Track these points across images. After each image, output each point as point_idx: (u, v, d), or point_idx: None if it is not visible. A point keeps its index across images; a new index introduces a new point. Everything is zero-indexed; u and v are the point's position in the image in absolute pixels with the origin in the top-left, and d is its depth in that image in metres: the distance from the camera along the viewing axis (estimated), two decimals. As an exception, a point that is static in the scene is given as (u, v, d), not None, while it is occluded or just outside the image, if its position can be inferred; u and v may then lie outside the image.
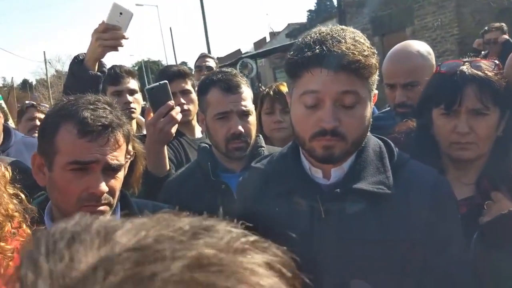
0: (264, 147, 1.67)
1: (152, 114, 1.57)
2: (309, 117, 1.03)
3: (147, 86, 1.66)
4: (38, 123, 3.15)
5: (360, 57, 0.98)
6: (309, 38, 1.03)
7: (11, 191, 0.98)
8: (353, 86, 1.00)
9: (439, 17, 10.31)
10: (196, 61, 3.62)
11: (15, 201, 0.97)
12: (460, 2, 9.91)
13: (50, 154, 1.11)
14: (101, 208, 1.11)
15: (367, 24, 12.98)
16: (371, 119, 1.08)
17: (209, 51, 19.86)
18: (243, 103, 1.56)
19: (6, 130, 2.45)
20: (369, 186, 1.05)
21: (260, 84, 14.69)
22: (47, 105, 3.62)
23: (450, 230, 1.08)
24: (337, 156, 1.04)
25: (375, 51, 1.05)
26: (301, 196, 1.09)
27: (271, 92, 2.12)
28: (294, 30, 18.90)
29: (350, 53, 0.97)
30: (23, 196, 1.03)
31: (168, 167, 1.67)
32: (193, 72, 3.40)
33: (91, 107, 1.10)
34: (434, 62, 1.87)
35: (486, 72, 1.30)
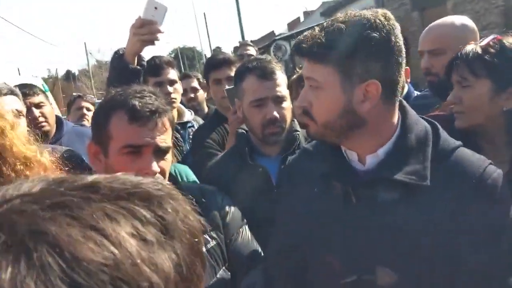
0: (299, 131, 1.71)
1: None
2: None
3: (227, 87, 2.00)
4: (85, 111, 3.37)
5: (310, 43, 1.02)
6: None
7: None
8: (310, 72, 1.06)
9: (483, -12, 9.75)
10: (237, 50, 3.74)
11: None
12: (506, -30, 9.32)
13: (105, 141, 1.21)
14: None
15: (406, -2, 12.48)
16: (353, 107, 1.03)
17: (242, 35, 19.81)
18: (277, 89, 1.59)
19: (58, 120, 2.59)
20: (402, 176, 1.02)
21: (294, 66, 14.52)
22: (93, 96, 3.83)
23: (492, 227, 1.01)
24: (313, 135, 1.13)
25: (359, 40, 1.00)
26: (336, 179, 1.11)
27: (296, 78, 2.15)
28: (329, 9, 18.43)
29: (305, 39, 1.04)
30: None
31: None
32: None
33: (138, 95, 1.20)
34: (472, 35, 1.83)
35: (478, 46, 1.37)
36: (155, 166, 1.18)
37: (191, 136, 2.51)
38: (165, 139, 1.21)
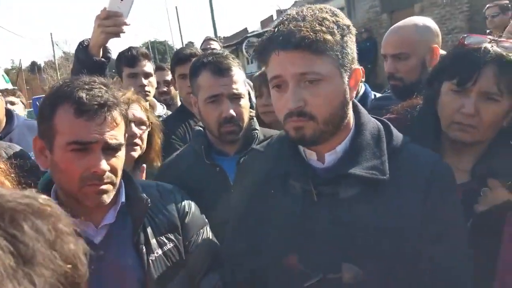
0: (258, 129, 1.67)
1: None
2: (280, 100, 1.03)
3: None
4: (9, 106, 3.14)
5: (308, 33, 0.94)
6: (275, 23, 1.03)
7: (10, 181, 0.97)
8: (310, 66, 0.97)
9: (448, -7, 10.04)
10: (201, 44, 3.72)
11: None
12: (470, -23, 9.63)
13: (50, 136, 1.13)
14: (104, 187, 1.13)
15: (376, 0, 12.70)
16: (347, 97, 1.04)
17: (215, 31, 19.64)
18: (234, 86, 1.54)
19: (9, 113, 2.48)
20: (362, 171, 1.03)
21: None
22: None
23: (448, 218, 1.05)
24: (310, 137, 1.02)
25: (343, 27, 1.00)
26: (295, 179, 1.09)
27: (258, 75, 2.11)
28: (301, 8, 18.54)
29: (296, 30, 0.95)
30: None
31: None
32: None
33: (86, 87, 1.12)
34: (435, 38, 1.84)
35: (511, 55, 1.21)
36: (104, 164, 1.11)
37: None
38: (115, 135, 1.13)
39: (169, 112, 2.75)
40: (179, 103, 3.10)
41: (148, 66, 2.44)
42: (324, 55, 0.97)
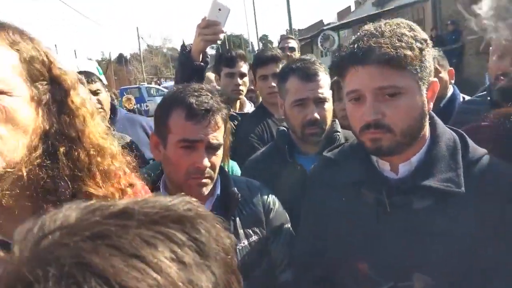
0: (339, 131, 1.73)
1: None
2: (356, 112, 1.07)
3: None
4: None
5: (389, 49, 0.97)
6: (353, 37, 1.07)
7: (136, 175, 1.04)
8: (389, 80, 1.00)
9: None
10: (279, 43, 3.87)
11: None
12: None
13: (164, 134, 1.32)
14: (204, 180, 1.30)
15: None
16: (425, 110, 1.06)
17: (290, 24, 19.63)
18: (319, 90, 1.62)
19: (113, 107, 2.75)
20: (437, 183, 1.04)
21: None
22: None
23: None
24: (386, 148, 1.05)
25: (422, 41, 1.02)
26: (367, 188, 1.12)
27: (337, 80, 2.13)
28: (381, -1, 17.86)
29: (377, 47, 0.98)
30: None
31: None
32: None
33: (196, 94, 1.30)
34: None
35: None
36: (206, 161, 1.28)
37: None
38: (217, 136, 1.30)
39: None
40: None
41: (244, 67, 2.63)
42: (404, 70, 1.00)
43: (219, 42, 1.75)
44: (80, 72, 2.74)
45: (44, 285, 0.34)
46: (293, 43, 3.71)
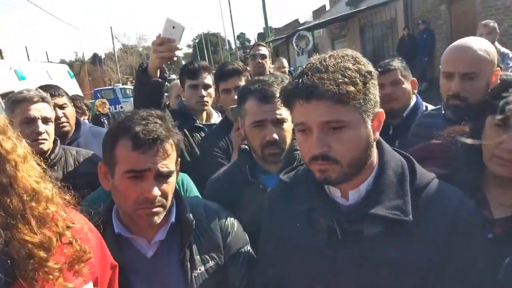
0: (299, 150, 1.74)
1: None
2: (305, 143, 1.08)
3: (231, 106, 2.06)
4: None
5: (332, 86, 0.98)
6: (299, 70, 1.07)
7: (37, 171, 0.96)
8: (333, 115, 1.01)
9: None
10: (250, 49, 3.92)
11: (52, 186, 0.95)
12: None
13: (112, 164, 1.29)
14: (155, 209, 1.27)
15: (434, -10, 12.11)
16: (370, 140, 1.07)
17: (266, 22, 19.69)
18: (277, 112, 1.62)
19: (77, 121, 2.71)
20: (385, 211, 1.05)
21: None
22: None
23: (471, 259, 1.05)
24: (334, 179, 1.06)
25: (365, 75, 1.03)
26: (320, 215, 1.14)
27: None
28: (354, -2, 18.04)
29: (320, 84, 0.99)
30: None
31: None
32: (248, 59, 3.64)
33: (143, 122, 1.27)
34: (495, 61, 1.78)
35: None
36: (155, 191, 1.25)
37: None
38: (167, 163, 1.27)
39: None
40: None
41: (208, 78, 2.61)
42: (348, 104, 1.01)
43: (175, 58, 1.75)
44: (48, 86, 2.69)
45: None
46: (264, 50, 3.76)
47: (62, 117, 2.52)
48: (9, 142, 0.85)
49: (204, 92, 2.55)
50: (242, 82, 2.43)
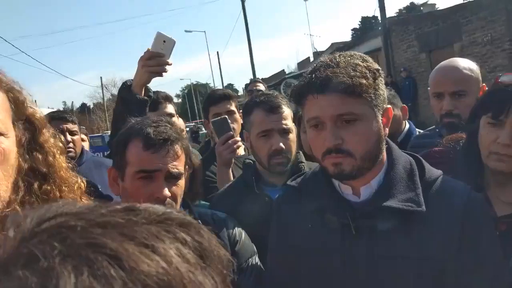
0: (304, 162, 1.78)
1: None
2: (317, 138, 1.10)
3: (213, 119, 2.03)
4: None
5: (345, 78, 1.02)
6: (309, 68, 1.12)
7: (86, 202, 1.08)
8: (346, 108, 1.04)
9: (488, 32, 10.01)
10: (248, 85, 4.12)
11: None
12: (511, 16, 9.59)
13: (122, 167, 1.29)
14: None
15: (413, 41, 12.81)
16: (382, 134, 1.11)
17: (254, 73, 20.32)
18: (283, 122, 1.68)
19: (81, 149, 2.75)
20: (398, 203, 1.06)
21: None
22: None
23: (484, 249, 1.06)
24: (349, 172, 1.08)
25: (374, 71, 1.08)
26: (332, 213, 1.14)
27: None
28: (338, 49, 18.89)
29: (333, 77, 1.03)
30: None
31: None
32: (244, 94, 3.78)
33: (154, 124, 1.29)
34: (479, 77, 1.90)
35: None
36: (166, 191, 1.25)
37: None
38: (176, 165, 1.28)
39: None
40: None
41: (170, 108, 2.58)
42: (360, 97, 1.04)
43: (164, 74, 1.68)
44: (60, 112, 2.75)
45: (51, 261, 0.33)
46: (261, 87, 3.90)
47: (70, 142, 2.58)
48: (49, 135, 0.90)
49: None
50: (233, 107, 2.47)
